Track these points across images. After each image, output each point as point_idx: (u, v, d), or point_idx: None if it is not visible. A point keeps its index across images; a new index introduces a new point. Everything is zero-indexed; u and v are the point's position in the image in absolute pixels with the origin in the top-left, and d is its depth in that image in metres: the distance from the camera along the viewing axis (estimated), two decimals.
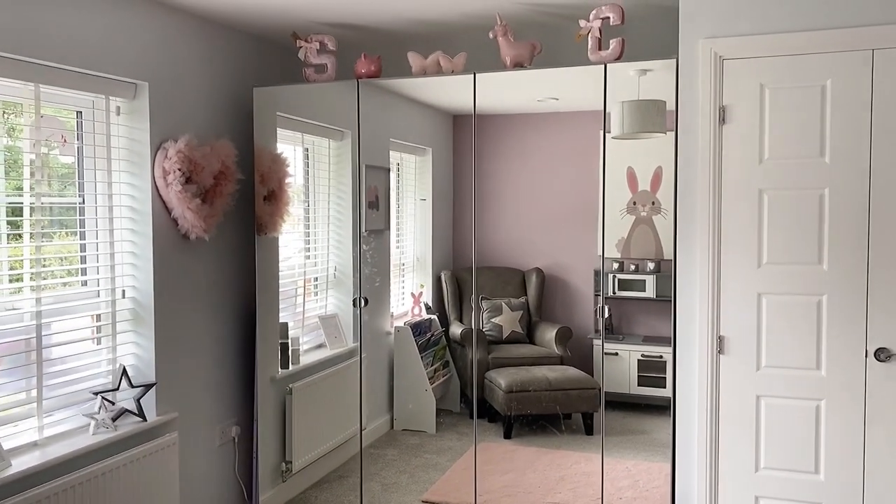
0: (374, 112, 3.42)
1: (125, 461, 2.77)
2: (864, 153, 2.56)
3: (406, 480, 3.52)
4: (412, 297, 3.84)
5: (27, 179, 2.62)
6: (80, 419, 2.79)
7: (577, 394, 3.49)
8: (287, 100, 3.48)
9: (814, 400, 2.65)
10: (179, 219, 3.02)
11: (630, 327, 3.52)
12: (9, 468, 2.42)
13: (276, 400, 3.51)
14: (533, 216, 3.76)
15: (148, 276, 2.98)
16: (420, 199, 3.91)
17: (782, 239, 2.66)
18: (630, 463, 3.27)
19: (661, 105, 3.02)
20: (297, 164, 3.66)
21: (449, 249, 3.90)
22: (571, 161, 3.65)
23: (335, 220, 3.65)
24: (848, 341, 2.59)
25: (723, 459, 2.77)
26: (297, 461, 3.53)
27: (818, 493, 2.66)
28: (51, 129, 2.71)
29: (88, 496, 2.62)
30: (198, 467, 3.28)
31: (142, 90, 2.94)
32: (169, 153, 2.93)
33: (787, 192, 2.66)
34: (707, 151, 2.72)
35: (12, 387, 2.58)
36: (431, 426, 3.69)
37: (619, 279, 3.43)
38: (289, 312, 3.63)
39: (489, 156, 3.72)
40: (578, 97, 3.48)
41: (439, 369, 3.78)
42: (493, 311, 3.75)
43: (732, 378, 2.74)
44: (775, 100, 2.65)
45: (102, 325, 2.92)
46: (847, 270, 2.59)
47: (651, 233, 3.27)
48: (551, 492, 3.34)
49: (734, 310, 2.73)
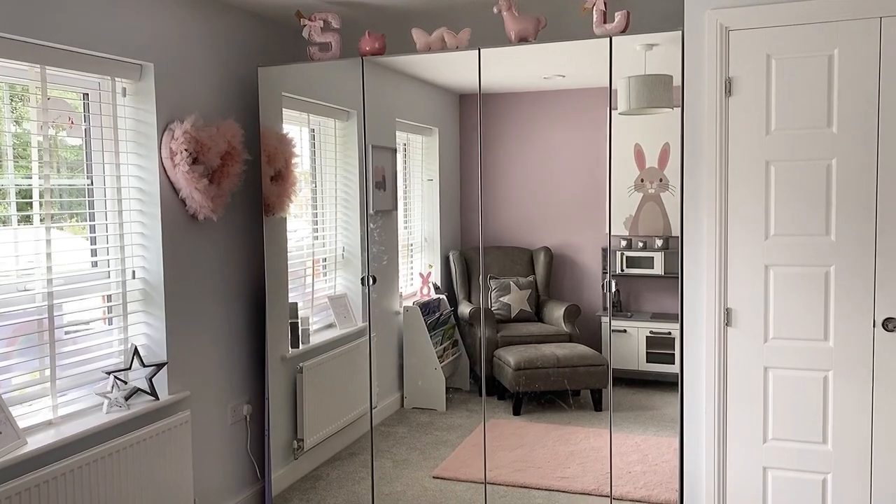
0: (380, 92, 3.42)
1: (138, 439, 2.81)
2: (872, 123, 2.54)
3: (417, 457, 3.55)
4: (421, 278, 3.86)
5: (35, 161, 2.64)
6: (94, 398, 2.83)
7: (586, 370, 3.50)
8: (292, 80, 3.49)
9: (821, 371, 2.65)
10: (187, 199, 3.04)
11: (638, 304, 3.52)
12: (24, 446, 2.46)
13: (286, 379, 3.55)
14: (540, 195, 3.75)
15: (157, 257, 3.01)
16: (427, 179, 3.91)
17: (789, 210, 2.65)
18: (639, 438, 3.29)
19: (668, 80, 3.00)
20: (303, 144, 3.66)
21: (457, 229, 3.90)
22: (579, 139, 3.63)
23: (342, 200, 3.66)
24: (855, 312, 2.59)
25: (731, 431, 2.77)
26: (309, 439, 3.57)
27: (826, 463, 2.66)
28: (58, 112, 2.73)
29: (103, 473, 2.66)
30: (210, 445, 3.33)
31: (147, 71, 2.95)
32: (175, 134, 2.94)
33: (794, 164, 2.64)
34: (713, 124, 2.71)
35: (26, 367, 2.61)
36: (441, 404, 3.72)
37: (627, 256, 3.43)
38: (298, 293, 3.66)
39: (496, 135, 3.71)
40: (585, 74, 3.46)
41: (448, 348, 3.80)
42: (502, 290, 3.76)
43: (740, 350, 2.75)
44: (782, 70, 2.63)
45: (113, 306, 2.95)
46: (855, 241, 2.58)
47: (659, 210, 3.26)
48: (560, 467, 3.36)
49: (741, 282, 2.73)
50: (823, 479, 2.67)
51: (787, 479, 2.71)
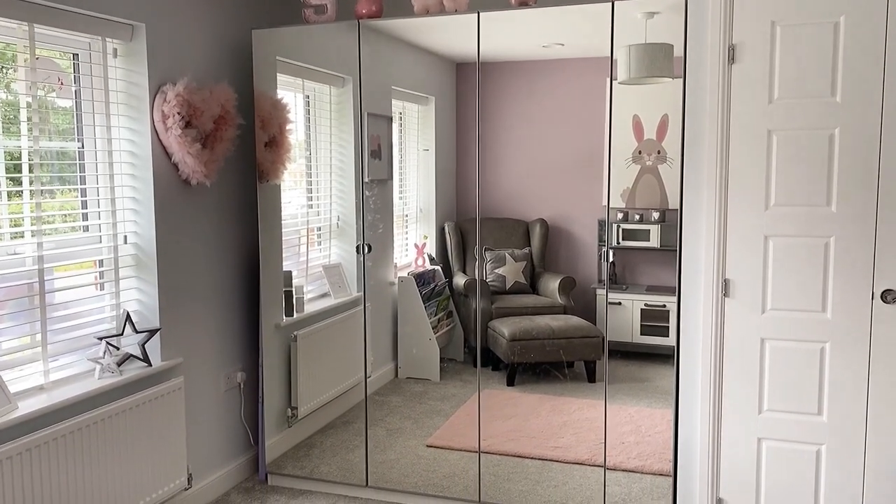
0: (376, 59, 3.36)
1: (131, 405, 2.79)
2: (877, 92, 2.50)
3: (410, 426, 3.55)
4: (416, 249, 3.83)
5: (24, 122, 2.58)
6: (86, 364, 2.81)
7: (580, 342, 3.50)
8: (287, 43, 3.42)
9: (818, 342, 2.65)
10: (180, 164, 2.99)
11: (634, 277, 3.50)
12: (16, 410, 2.44)
13: (280, 347, 3.53)
14: (537, 167, 3.72)
15: (150, 222, 2.96)
16: (423, 149, 3.86)
17: (790, 181, 2.63)
18: (632, 409, 3.29)
19: (669, 49, 2.95)
20: (297, 111, 3.61)
21: (452, 201, 3.87)
22: (577, 110, 3.58)
23: (337, 169, 3.62)
24: (854, 283, 2.58)
25: (726, 402, 2.78)
26: (303, 407, 3.56)
27: (821, 434, 2.67)
28: (47, 72, 2.67)
29: (95, 438, 2.64)
30: (204, 412, 3.31)
31: (139, 32, 2.89)
32: (168, 97, 2.89)
33: (796, 133, 2.61)
34: (716, 91, 2.67)
35: (17, 331, 2.58)
36: (436, 374, 3.71)
37: (623, 229, 3.40)
38: (292, 262, 3.62)
39: (493, 105, 3.66)
40: (584, 43, 3.40)
41: (443, 319, 3.78)
42: (497, 261, 3.74)
43: (737, 321, 2.74)
44: (786, 38, 2.59)
45: (105, 271, 2.91)
46: (856, 212, 2.56)
47: (656, 182, 3.23)
48: (554, 436, 3.37)
49: (740, 253, 2.71)
50: (817, 451, 2.68)
51: (782, 449, 2.72)
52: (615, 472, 3.15)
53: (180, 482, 3.06)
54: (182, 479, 3.07)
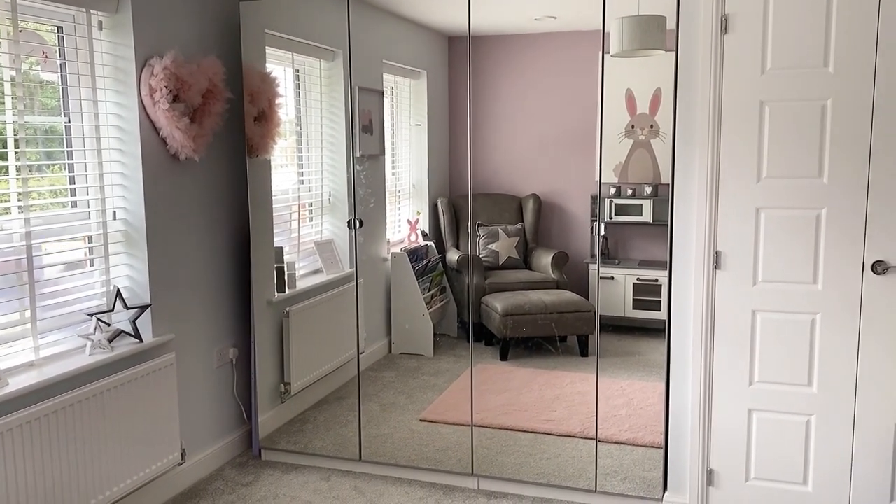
0: (367, 32, 3.32)
1: (122, 381, 2.78)
2: (870, 63, 2.49)
3: (404, 401, 3.56)
4: (409, 224, 3.81)
5: (9, 96, 2.55)
6: (76, 340, 2.80)
7: (573, 316, 3.50)
8: (275, 16, 3.37)
9: (809, 314, 2.65)
10: (168, 138, 2.96)
11: (626, 252, 3.50)
12: (6, 386, 2.43)
13: (272, 323, 3.52)
14: (530, 142, 3.69)
15: (139, 198, 2.94)
16: (415, 124, 3.83)
17: (783, 152, 2.62)
18: (624, 382, 3.30)
19: (662, 21, 2.92)
20: (287, 85, 3.57)
21: (445, 176, 3.85)
22: (569, 84, 3.55)
23: (328, 144, 3.59)
24: (845, 254, 2.58)
25: (717, 374, 2.79)
26: (296, 383, 3.56)
27: (810, 404, 2.69)
28: (31, 45, 2.62)
29: (87, 414, 2.64)
30: (196, 388, 3.31)
31: (124, 3, 2.84)
32: (155, 70, 2.85)
33: (789, 104, 2.60)
34: (708, 62, 2.65)
35: (6, 308, 2.56)
36: (429, 349, 3.71)
37: (615, 204, 3.39)
38: (284, 238, 3.61)
39: (485, 80, 3.63)
40: (576, 16, 3.36)
41: (436, 294, 3.78)
42: (490, 237, 3.73)
43: (728, 293, 2.74)
44: (780, 7, 2.56)
45: (94, 247, 2.89)
46: (847, 183, 2.55)
47: (649, 156, 3.21)
48: (547, 410, 3.39)
49: (732, 225, 2.71)
50: (807, 421, 2.70)
51: (772, 420, 2.74)
52: (607, 445, 3.17)
53: (174, 457, 3.07)
54: (175, 455, 3.08)
